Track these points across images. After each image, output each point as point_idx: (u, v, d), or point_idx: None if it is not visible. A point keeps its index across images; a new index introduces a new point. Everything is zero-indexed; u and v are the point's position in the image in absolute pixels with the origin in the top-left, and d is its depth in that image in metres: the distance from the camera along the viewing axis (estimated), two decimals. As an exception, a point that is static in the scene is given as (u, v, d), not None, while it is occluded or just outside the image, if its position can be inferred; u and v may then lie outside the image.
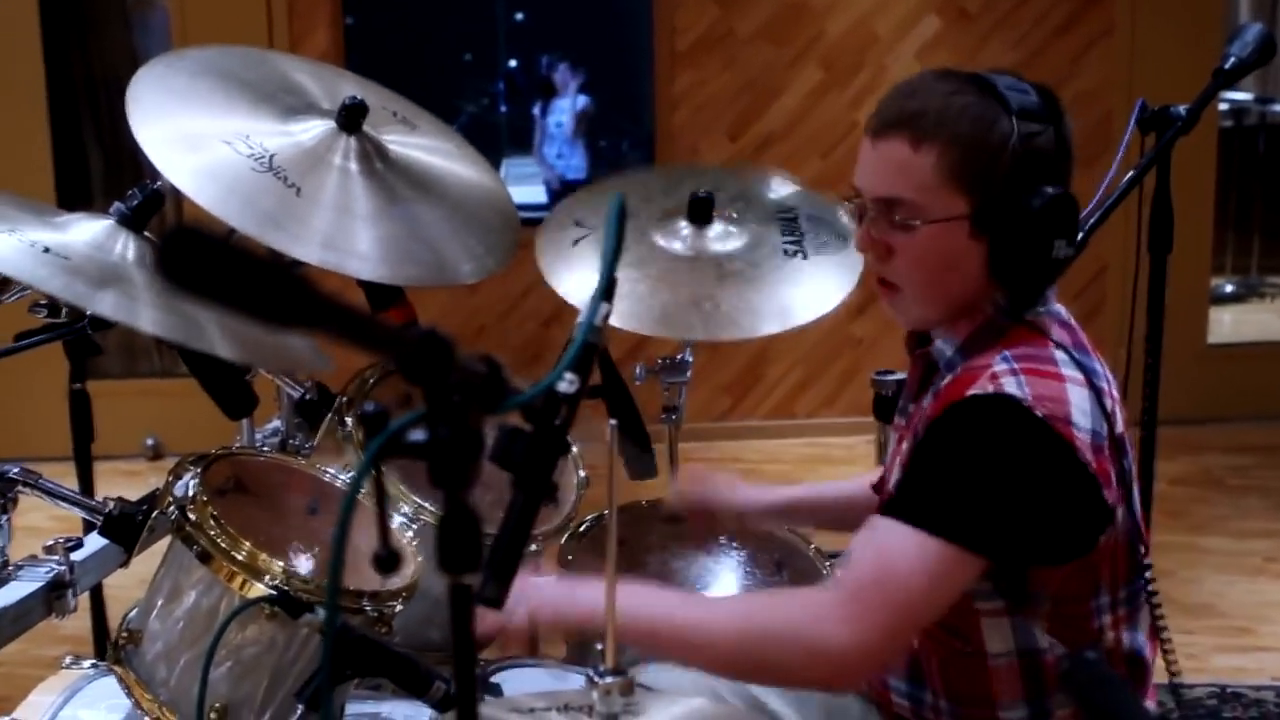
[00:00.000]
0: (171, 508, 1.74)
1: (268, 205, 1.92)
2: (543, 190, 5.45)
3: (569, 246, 2.37)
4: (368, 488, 0.97)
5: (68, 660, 2.04)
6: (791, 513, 2.15)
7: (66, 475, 2.24)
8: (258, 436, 2.43)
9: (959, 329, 1.66)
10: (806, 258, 2.38)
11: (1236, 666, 3.58)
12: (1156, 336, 2.37)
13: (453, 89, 5.40)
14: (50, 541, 1.90)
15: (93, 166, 5.61)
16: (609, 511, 1.40)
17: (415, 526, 2.02)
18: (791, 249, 2.39)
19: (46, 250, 1.76)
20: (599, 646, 1.43)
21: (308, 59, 2.55)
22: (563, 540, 2.21)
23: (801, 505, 2.13)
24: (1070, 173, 1.65)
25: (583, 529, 2.24)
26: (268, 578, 1.69)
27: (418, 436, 0.91)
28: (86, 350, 2.25)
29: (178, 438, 5.02)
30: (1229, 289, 6.88)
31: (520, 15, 5.43)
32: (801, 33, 5.34)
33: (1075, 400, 1.55)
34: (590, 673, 1.41)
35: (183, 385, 2.08)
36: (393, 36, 5.33)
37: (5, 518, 1.87)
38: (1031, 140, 1.59)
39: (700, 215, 2.40)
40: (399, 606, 1.78)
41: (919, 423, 1.66)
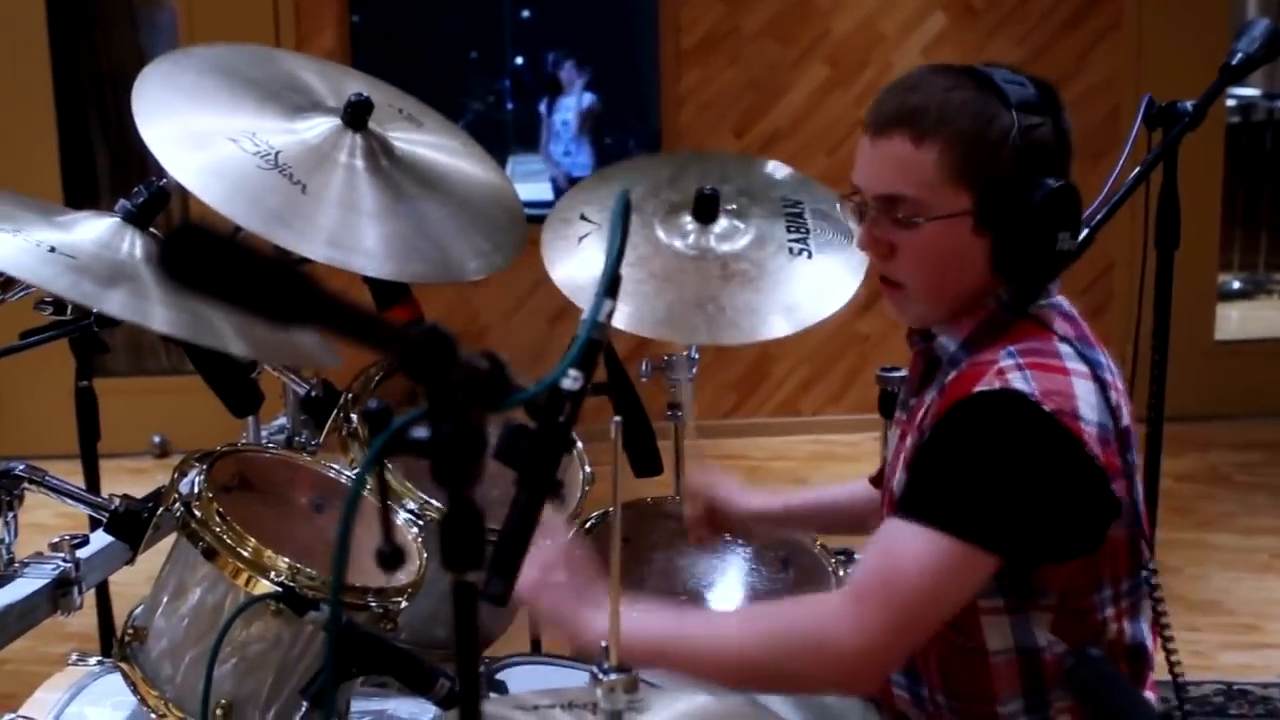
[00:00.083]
0: (177, 504, 1.74)
1: (273, 203, 1.92)
2: (549, 187, 5.45)
3: (574, 243, 2.36)
4: (372, 484, 0.97)
5: (74, 657, 2.04)
6: (797, 519, 2.12)
7: (73, 473, 2.24)
8: (264, 433, 2.43)
9: (962, 325, 1.65)
10: (811, 257, 2.36)
11: (1243, 664, 3.58)
12: (1163, 333, 2.37)
13: (459, 87, 5.41)
14: (56, 538, 1.91)
15: (99, 164, 5.62)
16: (613, 509, 1.40)
17: (421, 523, 2.02)
18: (797, 248, 2.37)
19: (52, 250, 1.76)
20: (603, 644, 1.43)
21: (314, 57, 2.55)
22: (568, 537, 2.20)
23: (807, 510, 2.11)
24: (1070, 164, 1.64)
25: (588, 526, 2.24)
26: (273, 574, 1.69)
27: (420, 434, 0.90)
28: (93, 348, 2.25)
29: (185, 435, 5.03)
30: (1236, 285, 6.87)
31: (526, 13, 5.44)
32: (807, 30, 5.34)
33: (1081, 394, 1.55)
34: (595, 670, 1.41)
35: (190, 383, 2.08)
36: (399, 34, 5.34)
37: (11, 515, 1.88)
38: (1032, 133, 1.58)
39: (705, 212, 2.39)
40: (404, 603, 1.78)
41: (922, 418, 1.66)
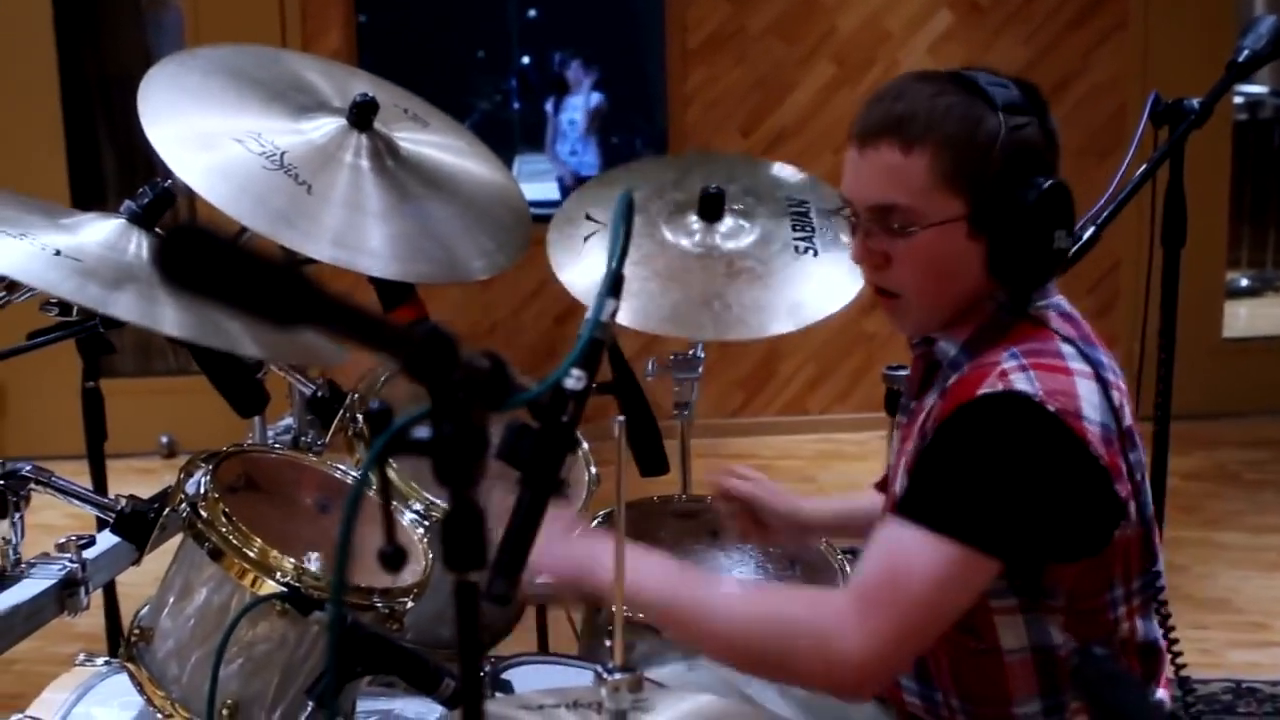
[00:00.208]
0: (183, 505, 1.75)
1: (279, 203, 1.92)
2: (555, 187, 5.45)
3: (580, 242, 2.36)
4: (375, 484, 0.97)
5: (81, 657, 2.05)
6: (840, 528, 2.08)
7: (81, 473, 2.25)
8: (270, 434, 2.43)
9: (962, 328, 1.65)
10: (818, 255, 2.36)
11: (1251, 662, 3.57)
12: (1170, 331, 2.36)
13: (466, 86, 5.41)
14: (62, 539, 1.91)
15: (106, 166, 5.63)
16: (618, 508, 1.40)
17: (427, 524, 2.02)
18: (803, 246, 2.37)
19: (58, 253, 1.76)
20: (608, 643, 1.43)
21: (320, 57, 2.55)
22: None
23: (840, 519, 2.06)
24: (1059, 162, 1.64)
25: (594, 525, 2.24)
26: (279, 574, 1.69)
27: (422, 434, 0.90)
28: (100, 348, 2.25)
29: (193, 435, 5.03)
30: (1244, 283, 6.86)
31: (533, 12, 5.44)
32: (813, 29, 5.33)
33: (1085, 394, 1.54)
34: (599, 669, 1.41)
35: (197, 383, 2.08)
36: (406, 34, 5.34)
37: (18, 515, 1.88)
38: (1019, 133, 1.58)
39: (711, 211, 2.39)
40: (410, 603, 1.78)
41: (924, 422, 1.65)
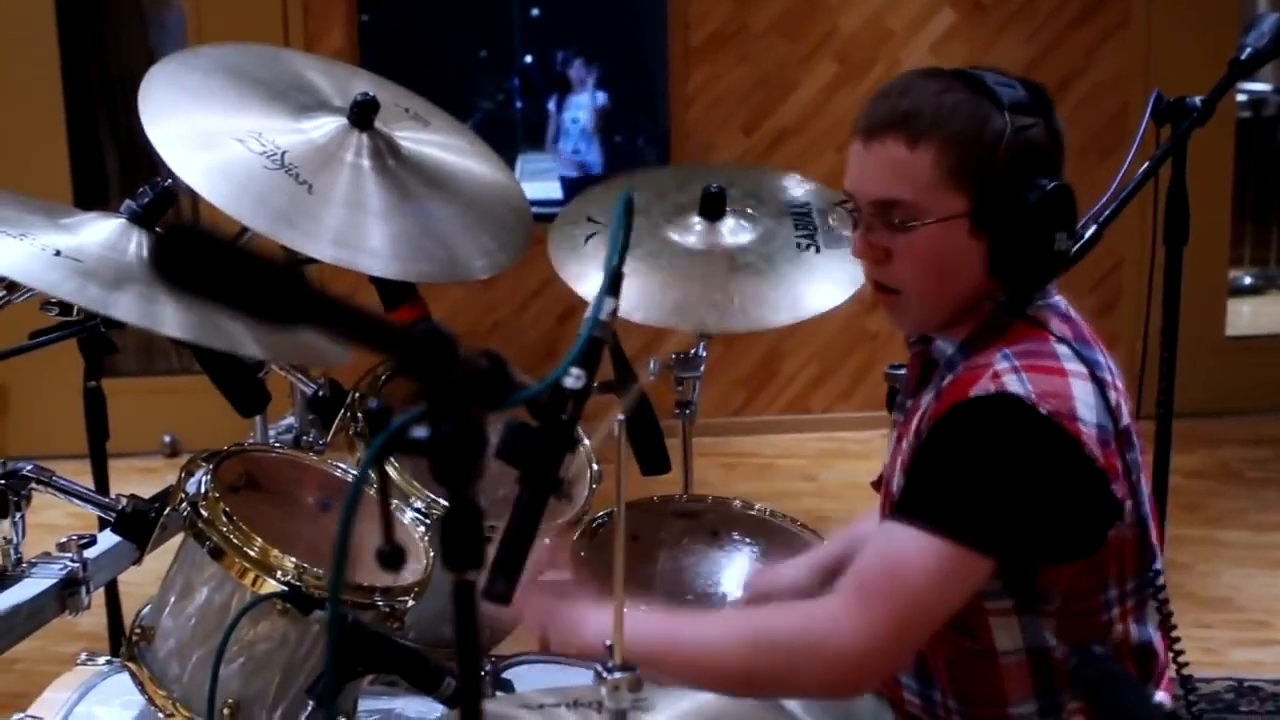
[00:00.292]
0: (184, 504, 1.75)
1: (280, 203, 1.92)
2: (558, 186, 5.45)
3: (581, 243, 2.37)
4: (374, 483, 0.97)
5: (83, 657, 2.05)
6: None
7: (83, 473, 2.25)
8: (271, 433, 2.43)
9: (960, 327, 1.64)
10: (819, 251, 2.37)
11: (1254, 660, 3.56)
12: (1172, 329, 2.36)
13: (468, 85, 5.41)
14: (63, 539, 1.91)
15: (109, 165, 5.63)
16: (618, 508, 1.40)
17: (428, 522, 2.02)
18: (804, 242, 2.38)
19: (58, 254, 1.75)
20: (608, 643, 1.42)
21: (321, 57, 2.55)
22: (575, 536, 2.20)
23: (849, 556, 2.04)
24: (1063, 164, 1.63)
25: (595, 524, 2.24)
26: (279, 574, 1.69)
27: (421, 433, 0.90)
28: (101, 348, 2.25)
29: (195, 435, 5.03)
30: (1247, 281, 6.86)
31: (535, 11, 5.44)
32: (815, 27, 5.33)
33: (1079, 395, 1.54)
34: (599, 668, 1.41)
35: (200, 382, 2.08)
36: (408, 33, 5.34)
37: (19, 515, 1.88)
38: (1025, 134, 1.58)
39: (712, 210, 2.39)
40: (410, 602, 1.78)
41: (919, 421, 1.65)
